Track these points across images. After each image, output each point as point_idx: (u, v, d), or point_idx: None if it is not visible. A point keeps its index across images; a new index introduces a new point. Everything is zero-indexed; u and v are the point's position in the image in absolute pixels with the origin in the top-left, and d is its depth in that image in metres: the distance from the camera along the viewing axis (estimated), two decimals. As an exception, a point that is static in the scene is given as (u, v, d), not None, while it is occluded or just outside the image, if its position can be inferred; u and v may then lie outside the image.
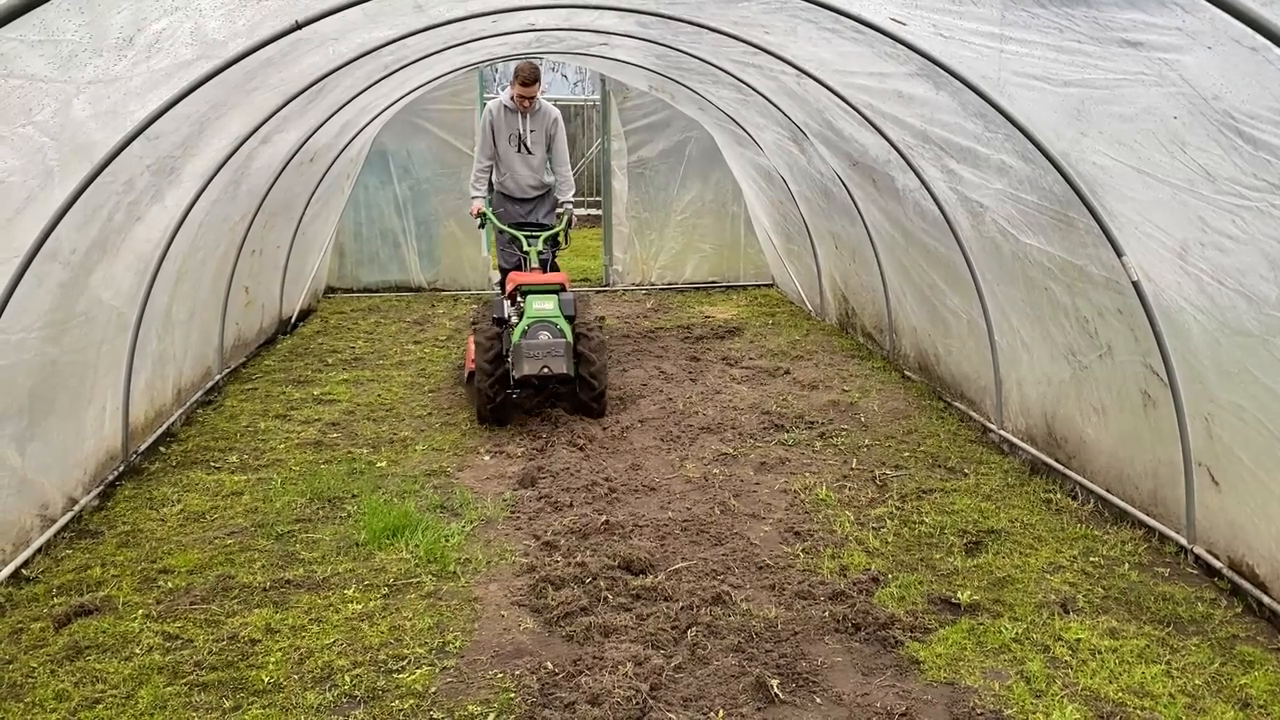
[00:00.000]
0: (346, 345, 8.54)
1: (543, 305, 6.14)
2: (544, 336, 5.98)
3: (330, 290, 10.86)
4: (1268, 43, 2.46)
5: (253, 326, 8.07)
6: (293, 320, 9.23)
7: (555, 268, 7.32)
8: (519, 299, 6.35)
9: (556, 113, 7.68)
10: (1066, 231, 4.45)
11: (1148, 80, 3.15)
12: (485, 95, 11.03)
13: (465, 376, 6.82)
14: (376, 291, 10.97)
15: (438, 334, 9.06)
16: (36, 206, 3.54)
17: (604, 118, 11.35)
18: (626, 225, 11.22)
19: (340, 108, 7.09)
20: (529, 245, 6.99)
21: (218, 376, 7.07)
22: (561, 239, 7.40)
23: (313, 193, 8.48)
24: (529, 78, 7.22)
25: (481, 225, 7.53)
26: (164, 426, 5.92)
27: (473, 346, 6.29)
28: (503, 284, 7.76)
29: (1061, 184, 4.21)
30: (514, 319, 6.23)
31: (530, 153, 7.54)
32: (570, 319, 6.20)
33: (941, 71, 4.41)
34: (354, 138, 8.83)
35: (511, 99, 7.36)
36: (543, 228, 7.37)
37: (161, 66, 3.65)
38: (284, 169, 7.07)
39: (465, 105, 10.59)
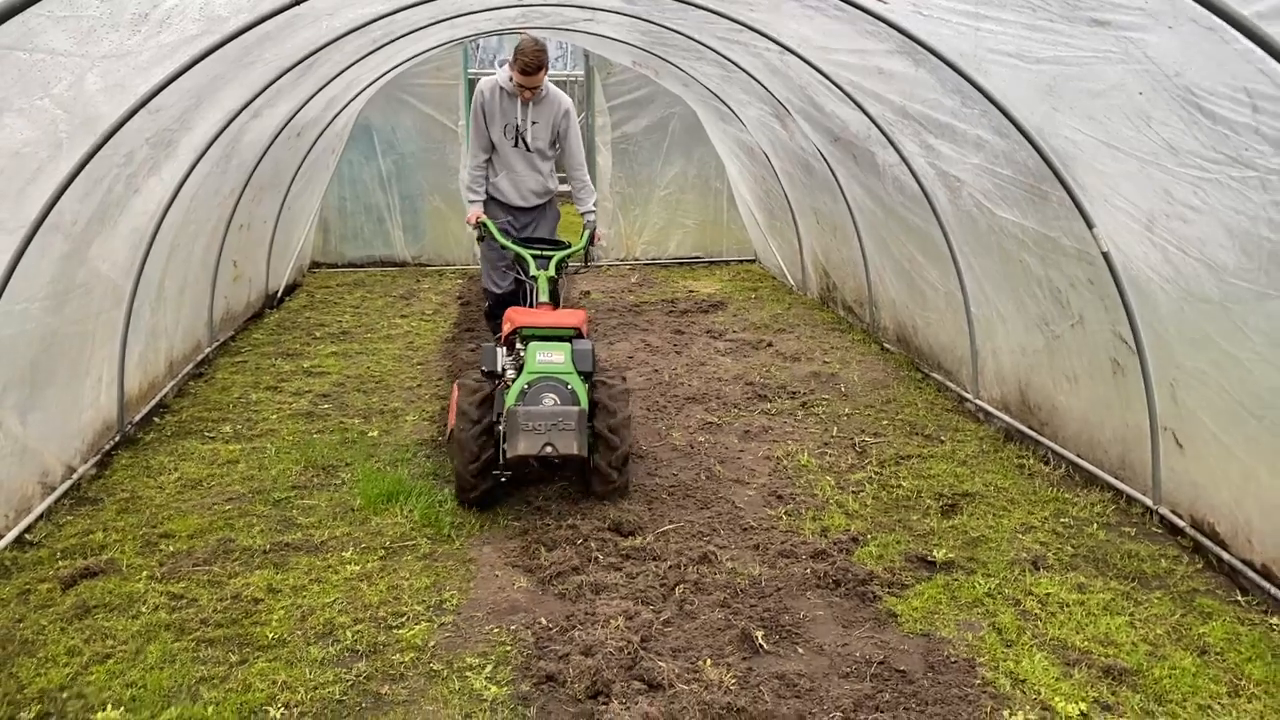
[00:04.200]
0: (334, 319, 8.63)
1: (549, 357, 4.60)
2: (549, 402, 4.45)
3: (315, 265, 10.92)
4: (1223, 23, 2.61)
5: (240, 300, 8.14)
6: (279, 295, 9.31)
7: (556, 296, 5.48)
8: (519, 346, 4.85)
9: (568, 102, 6.07)
10: (1040, 204, 4.60)
11: (1114, 58, 3.30)
12: (469, 70, 11.08)
13: (447, 435, 5.08)
14: (362, 266, 11.04)
15: (424, 308, 9.16)
16: (45, 177, 3.63)
17: (588, 93, 11.43)
18: (610, 201, 11.32)
19: (328, 82, 7.15)
20: (538, 269, 5.35)
21: (208, 349, 7.15)
22: (583, 258, 5.87)
23: (299, 167, 8.54)
24: (531, 64, 5.57)
25: (480, 238, 5.89)
26: (157, 398, 6.01)
27: (455, 402, 4.64)
28: (490, 314, 6.39)
29: (1035, 158, 4.36)
30: (510, 373, 4.76)
31: (530, 150, 6.03)
32: (587, 375, 4.68)
33: (920, 48, 4.54)
34: (340, 112, 8.88)
35: (510, 80, 5.80)
36: (550, 245, 5.63)
37: (169, 41, 3.74)
38: (272, 143, 7.13)
39: (449, 80, 10.65)
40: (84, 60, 3.33)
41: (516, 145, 6.01)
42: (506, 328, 5.01)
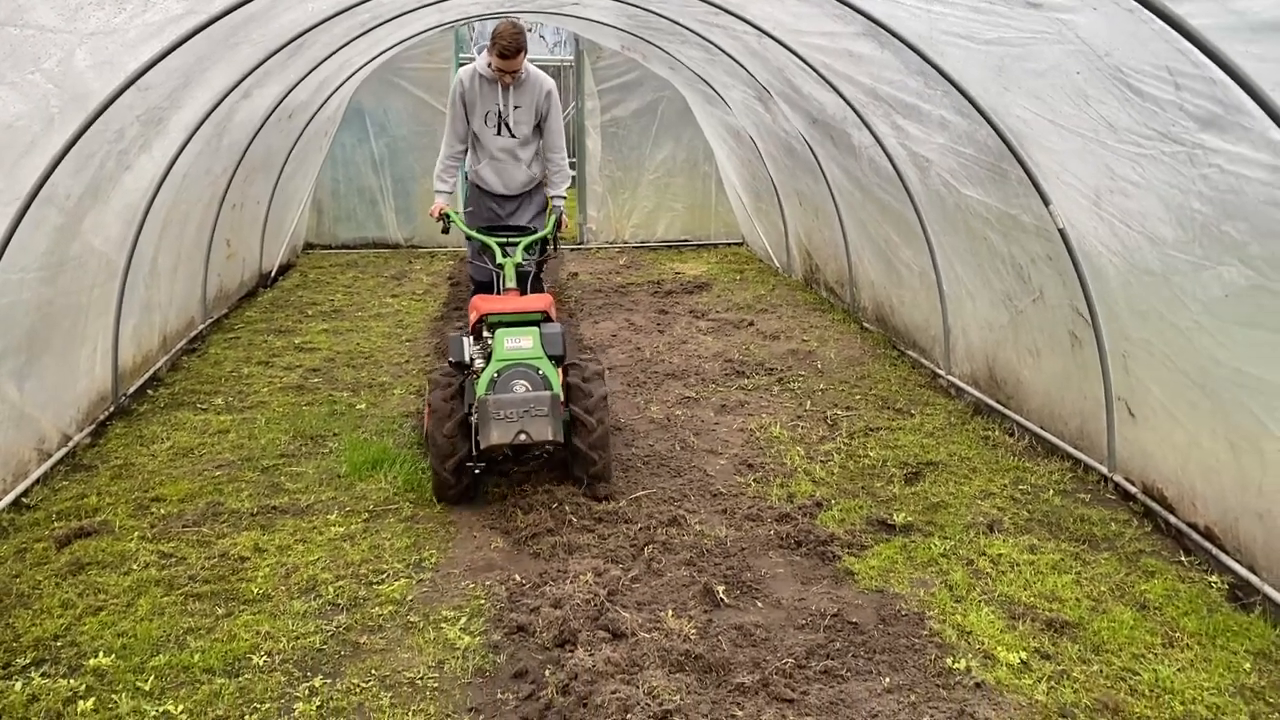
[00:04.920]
0: (326, 298, 8.80)
1: (517, 343, 4.51)
2: (519, 388, 4.35)
3: (309, 246, 11.08)
4: (1138, 4, 2.77)
5: (234, 279, 8.30)
6: (273, 274, 9.46)
7: (541, 284, 5.53)
8: (486, 334, 4.75)
9: (550, 84, 5.81)
10: (1001, 183, 4.76)
11: (1051, 38, 3.46)
12: (461, 55, 11.20)
13: (423, 433, 5.10)
14: (354, 248, 11.20)
15: (414, 288, 9.32)
16: (38, 151, 3.79)
17: (578, 77, 11.56)
18: (600, 184, 11.46)
19: (318, 64, 7.28)
20: (505, 257, 5.14)
21: (201, 326, 7.32)
22: (550, 245, 5.62)
23: (291, 149, 8.68)
24: (509, 47, 5.39)
25: (445, 230, 5.62)
26: (151, 371, 6.18)
27: (429, 396, 4.63)
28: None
29: (994, 137, 4.52)
30: (479, 362, 4.68)
31: (514, 135, 5.79)
32: (557, 360, 4.58)
33: (882, 31, 4.69)
34: (331, 95, 9.01)
35: (489, 66, 5.58)
36: (525, 232, 5.49)
37: (155, 20, 3.89)
38: (264, 124, 7.27)
39: (440, 64, 10.79)
40: (72, 37, 3.49)
41: (499, 133, 5.78)
42: (472, 316, 4.88)
